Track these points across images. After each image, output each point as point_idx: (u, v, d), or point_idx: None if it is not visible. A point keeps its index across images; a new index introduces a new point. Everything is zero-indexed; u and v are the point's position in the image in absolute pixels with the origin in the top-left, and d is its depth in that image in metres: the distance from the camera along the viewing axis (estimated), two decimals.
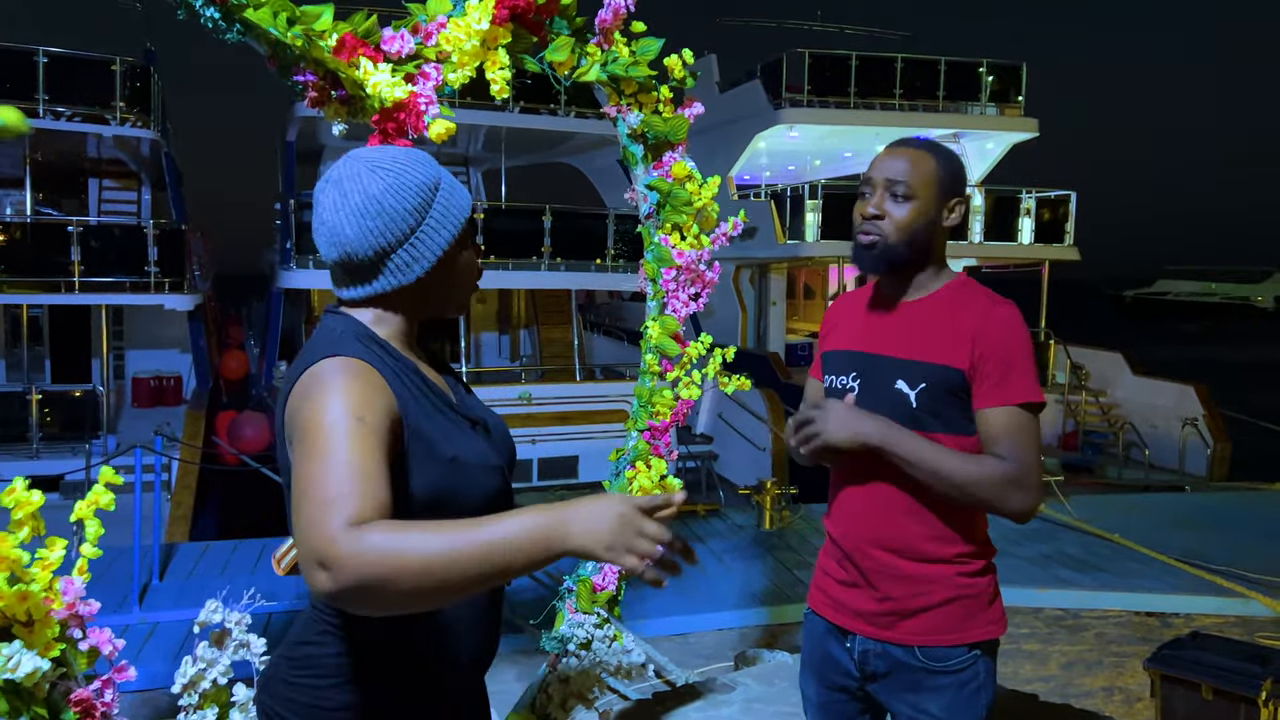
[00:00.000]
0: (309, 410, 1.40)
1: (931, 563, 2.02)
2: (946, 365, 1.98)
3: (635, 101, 3.36)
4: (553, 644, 3.49)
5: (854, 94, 18.09)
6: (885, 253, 2.04)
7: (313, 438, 1.36)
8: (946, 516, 2.01)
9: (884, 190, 2.04)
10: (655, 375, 3.57)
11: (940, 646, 2.02)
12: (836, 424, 1.98)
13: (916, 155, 2.04)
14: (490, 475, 1.61)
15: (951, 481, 1.93)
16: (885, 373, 2.05)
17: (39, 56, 13.06)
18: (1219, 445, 14.05)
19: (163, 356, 16.44)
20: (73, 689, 2.11)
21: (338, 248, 1.56)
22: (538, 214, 15.08)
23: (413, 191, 1.55)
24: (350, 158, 1.59)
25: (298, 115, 14.06)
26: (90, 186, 17.04)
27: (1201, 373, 17.22)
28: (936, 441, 1.96)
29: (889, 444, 1.95)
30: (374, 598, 1.22)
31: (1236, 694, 3.78)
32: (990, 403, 1.95)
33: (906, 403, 2.00)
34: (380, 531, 1.23)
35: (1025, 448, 1.94)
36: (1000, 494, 1.92)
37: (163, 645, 5.53)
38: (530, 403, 14.13)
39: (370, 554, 1.21)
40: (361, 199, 1.53)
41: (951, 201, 2.06)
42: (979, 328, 1.97)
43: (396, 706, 1.58)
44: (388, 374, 1.51)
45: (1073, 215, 18.65)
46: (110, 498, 2.19)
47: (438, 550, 1.22)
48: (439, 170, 1.62)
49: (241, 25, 2.46)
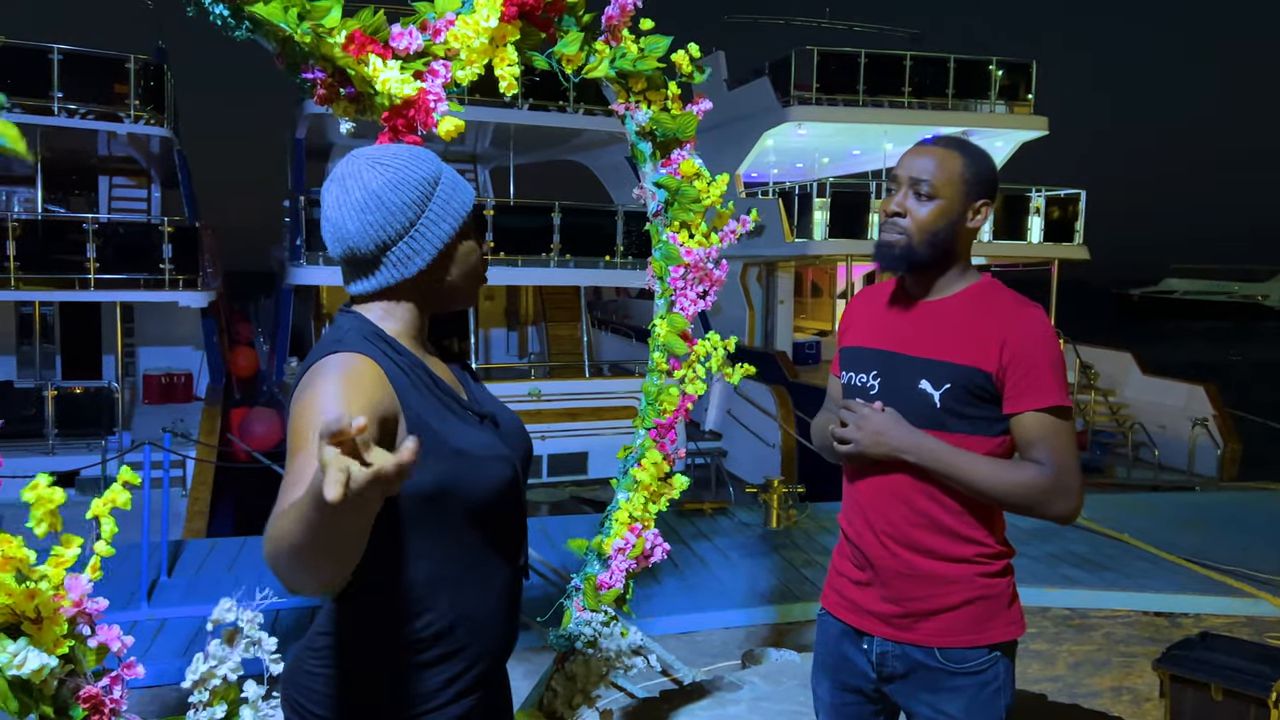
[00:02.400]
0: (299, 406, 1.46)
1: (952, 562, 2.01)
2: (972, 366, 1.96)
3: (644, 98, 3.36)
4: (560, 641, 3.49)
5: (863, 92, 18.07)
6: (906, 252, 2.03)
7: (296, 432, 1.42)
8: (966, 516, 2.00)
9: (908, 188, 2.03)
10: (663, 373, 3.57)
11: (960, 648, 2.01)
12: (871, 436, 1.99)
13: (944, 155, 2.03)
14: (498, 466, 1.62)
15: (990, 492, 1.94)
16: (907, 372, 2.04)
17: (53, 54, 13.11)
18: (1229, 445, 14.01)
19: (173, 353, 16.49)
20: (81, 685, 2.12)
21: (341, 243, 1.61)
22: (547, 211, 15.09)
23: (412, 186, 1.59)
24: (353, 155, 1.63)
25: (307, 113, 14.11)
26: (100, 184, 17.09)
27: (1211, 372, 17.17)
28: (960, 442, 1.96)
29: (924, 459, 1.95)
30: (282, 578, 1.26)
31: (1246, 694, 3.77)
32: (1023, 407, 1.94)
33: (930, 403, 1.99)
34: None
35: (1063, 451, 1.94)
36: (1042, 500, 1.93)
37: (171, 641, 5.54)
38: (540, 399, 14.15)
39: (265, 545, 1.26)
40: (362, 194, 1.57)
41: (978, 203, 2.04)
42: (1007, 331, 1.95)
43: (416, 697, 1.59)
44: (391, 370, 1.54)
45: (1082, 214, 18.59)
46: (127, 496, 2.21)
47: (271, 524, 1.24)
48: (440, 166, 1.65)
49: (250, 22, 2.46)
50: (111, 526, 2.25)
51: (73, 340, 15.61)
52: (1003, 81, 18.72)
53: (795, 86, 18.06)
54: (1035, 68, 19.08)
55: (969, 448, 1.97)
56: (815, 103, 17.93)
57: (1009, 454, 2.00)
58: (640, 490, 3.52)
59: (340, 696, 1.58)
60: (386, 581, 1.53)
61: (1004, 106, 18.90)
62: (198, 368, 16.04)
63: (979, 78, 18.68)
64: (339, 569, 1.24)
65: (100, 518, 2.23)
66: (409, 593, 1.56)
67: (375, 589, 1.55)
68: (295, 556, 1.19)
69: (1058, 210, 18.57)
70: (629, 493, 3.54)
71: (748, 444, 15.14)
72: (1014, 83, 18.89)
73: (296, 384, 1.53)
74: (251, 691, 2.65)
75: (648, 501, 3.54)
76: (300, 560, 1.19)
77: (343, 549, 1.20)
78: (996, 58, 18.82)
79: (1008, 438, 1.99)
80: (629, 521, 3.51)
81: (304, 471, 1.32)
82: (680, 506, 8.50)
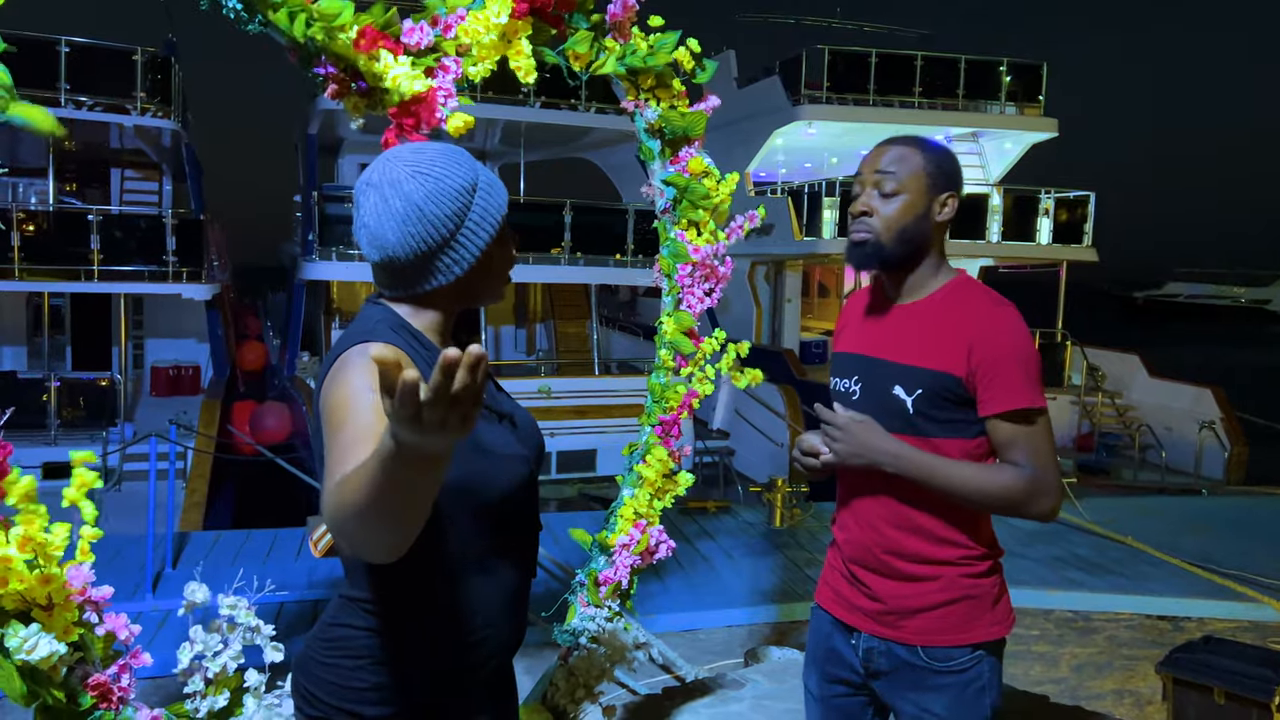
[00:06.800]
0: (333, 391, 1.47)
1: (935, 564, 2.03)
2: (942, 371, 1.97)
3: (653, 96, 3.37)
4: (565, 637, 3.51)
5: (873, 91, 18.01)
6: (876, 249, 2.05)
7: (333, 414, 1.43)
8: (950, 519, 2.02)
9: (872, 187, 2.06)
10: (669, 370, 3.58)
11: (944, 646, 2.02)
12: (849, 449, 2.01)
13: (903, 151, 2.05)
14: (515, 464, 1.65)
15: (970, 498, 1.95)
16: (883, 377, 2.05)
17: (61, 46, 13.14)
18: (1236, 448, 13.97)
19: (181, 346, 16.54)
20: (90, 673, 2.14)
21: (379, 250, 1.59)
22: (557, 209, 15.09)
23: (452, 196, 1.58)
24: (389, 159, 1.61)
25: (319, 108, 14.13)
26: (112, 176, 17.16)
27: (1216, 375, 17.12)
28: (937, 446, 1.98)
29: (903, 469, 1.97)
30: (343, 542, 1.25)
31: (1249, 699, 3.77)
32: (996, 409, 1.95)
33: (904, 408, 2.01)
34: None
35: (1040, 451, 1.95)
36: (1022, 501, 1.94)
37: (175, 633, 5.56)
38: (549, 396, 14.16)
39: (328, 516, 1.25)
40: (402, 205, 1.56)
41: (943, 196, 2.05)
42: (977, 333, 1.96)
43: (426, 688, 1.61)
44: (418, 362, 1.56)
45: (1091, 216, 18.54)
46: (93, 476, 2.22)
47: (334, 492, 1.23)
48: (476, 169, 1.64)
49: (263, 16, 2.48)
50: (92, 509, 2.26)
51: (83, 332, 15.66)
52: (1011, 84, 18.66)
53: (806, 85, 18.01)
54: (1045, 69, 19.02)
55: (945, 450, 1.98)
56: (825, 102, 17.89)
57: (988, 454, 2.01)
58: (645, 486, 3.53)
59: (354, 688, 1.60)
60: (399, 574, 1.54)
61: (1014, 108, 18.85)
62: (205, 361, 16.08)
63: (989, 79, 18.63)
64: (408, 531, 1.21)
65: (77, 503, 2.24)
66: (422, 586, 1.58)
67: (388, 582, 1.57)
68: (362, 520, 1.17)
69: (1065, 212, 18.51)
70: (634, 489, 3.56)
71: (756, 443, 15.15)
72: (1024, 84, 18.83)
73: (324, 373, 1.55)
74: (253, 679, 2.66)
75: (653, 498, 3.55)
76: (368, 523, 1.17)
77: (411, 509, 1.18)
78: (1007, 59, 18.77)
79: (985, 439, 2.00)
80: (634, 517, 3.52)
81: (349, 448, 1.34)
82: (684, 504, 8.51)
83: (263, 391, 17.60)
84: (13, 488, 2.05)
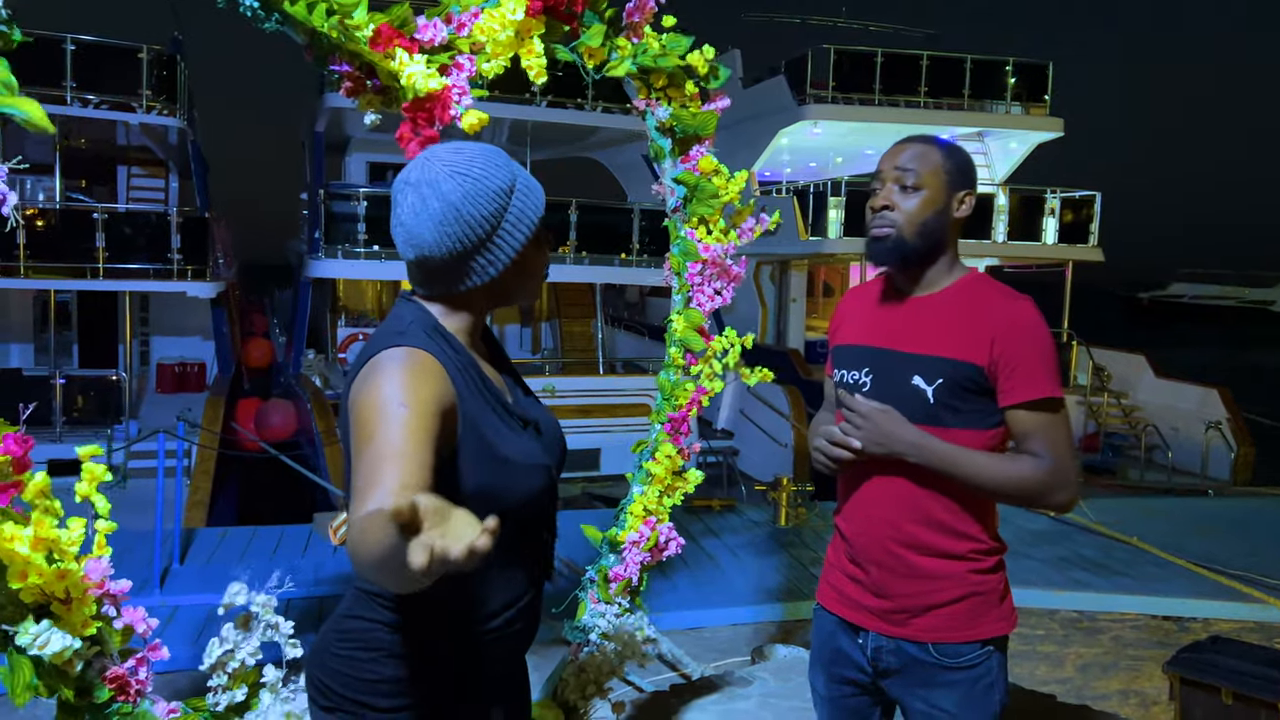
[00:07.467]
0: (364, 398, 1.46)
1: (947, 559, 2.04)
2: (964, 361, 1.99)
3: (664, 95, 3.37)
4: (575, 633, 3.52)
5: (879, 91, 18.00)
6: (898, 244, 2.07)
7: (363, 425, 1.42)
8: (959, 513, 2.03)
9: (893, 183, 2.08)
10: (679, 369, 3.59)
11: (953, 643, 2.04)
12: (873, 437, 2.01)
13: (922, 148, 2.08)
14: (536, 474, 1.65)
15: (990, 488, 1.97)
16: (899, 368, 2.06)
17: (67, 44, 13.17)
18: (1242, 449, 13.95)
19: (187, 343, 16.56)
20: (108, 666, 2.15)
21: (416, 249, 1.60)
22: (564, 207, 15.10)
23: (489, 198, 1.58)
24: (428, 159, 1.61)
25: (327, 106, 14.12)
26: (119, 174, 17.18)
27: (1223, 376, 17.11)
28: (955, 436, 1.99)
29: (925, 458, 1.98)
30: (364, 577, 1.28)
31: (1257, 699, 3.78)
32: (1016, 399, 1.97)
33: (924, 398, 2.01)
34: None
35: (1059, 442, 1.97)
36: (1042, 491, 1.97)
37: (183, 628, 5.59)
38: (554, 395, 14.17)
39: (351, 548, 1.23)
40: (440, 206, 1.56)
41: (961, 193, 2.08)
42: (999, 324, 1.98)
43: (439, 682, 1.62)
44: (450, 367, 1.55)
45: (1097, 216, 18.52)
46: (103, 469, 2.23)
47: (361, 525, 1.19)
48: (514, 170, 1.64)
49: (280, 14, 2.48)
50: (104, 502, 2.27)
51: (91, 329, 15.69)
52: (1016, 85, 18.63)
53: (812, 85, 17.99)
54: (1051, 69, 18.99)
55: (964, 441, 1.99)
56: (831, 101, 17.88)
57: (1004, 445, 2.03)
58: (654, 484, 3.54)
59: (367, 680, 1.61)
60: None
61: (1020, 108, 18.83)
62: (211, 358, 16.11)
63: (995, 79, 18.60)
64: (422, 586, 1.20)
65: (90, 497, 2.25)
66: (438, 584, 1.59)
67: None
68: (378, 573, 1.17)
69: (1071, 213, 18.49)
70: (643, 486, 3.56)
71: (760, 443, 15.13)
72: (1030, 84, 18.81)
73: (355, 370, 1.55)
74: (271, 675, 2.68)
75: (662, 495, 3.55)
76: (384, 577, 1.18)
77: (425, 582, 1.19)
78: (1013, 58, 18.75)
79: (1002, 429, 2.02)
80: (643, 515, 3.53)
81: (375, 465, 1.33)
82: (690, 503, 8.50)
83: (268, 389, 17.62)
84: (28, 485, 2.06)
